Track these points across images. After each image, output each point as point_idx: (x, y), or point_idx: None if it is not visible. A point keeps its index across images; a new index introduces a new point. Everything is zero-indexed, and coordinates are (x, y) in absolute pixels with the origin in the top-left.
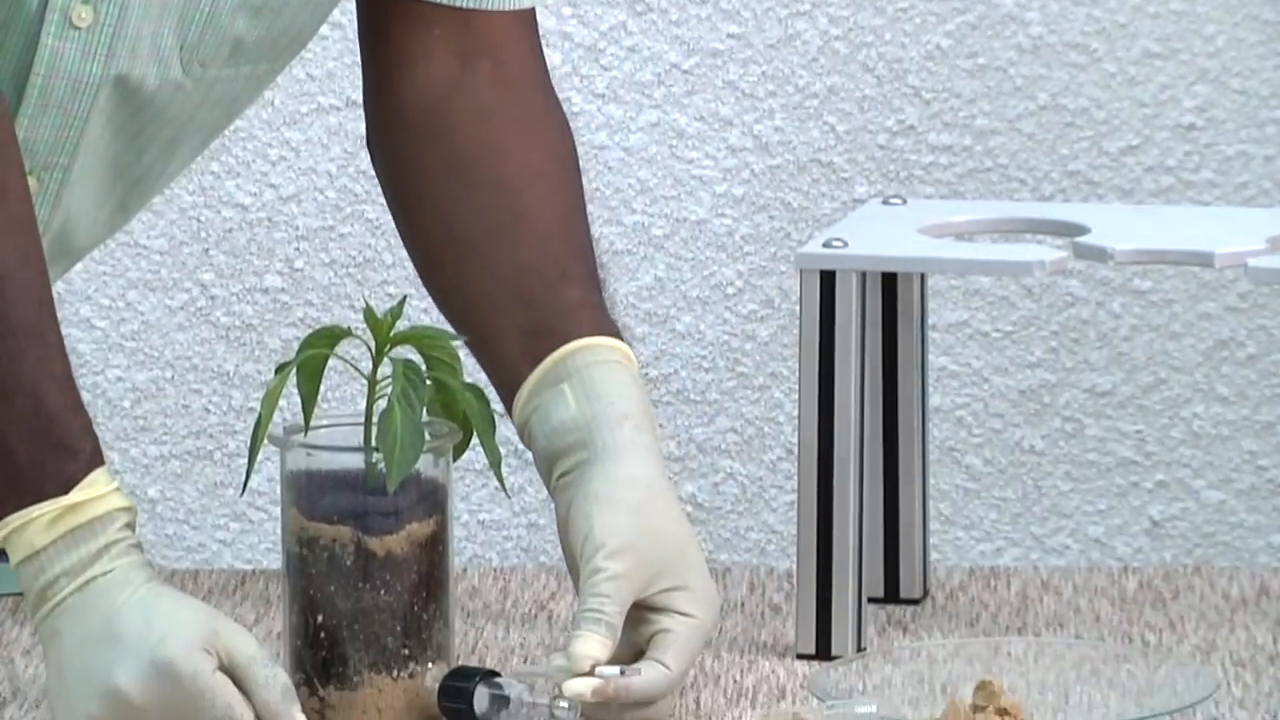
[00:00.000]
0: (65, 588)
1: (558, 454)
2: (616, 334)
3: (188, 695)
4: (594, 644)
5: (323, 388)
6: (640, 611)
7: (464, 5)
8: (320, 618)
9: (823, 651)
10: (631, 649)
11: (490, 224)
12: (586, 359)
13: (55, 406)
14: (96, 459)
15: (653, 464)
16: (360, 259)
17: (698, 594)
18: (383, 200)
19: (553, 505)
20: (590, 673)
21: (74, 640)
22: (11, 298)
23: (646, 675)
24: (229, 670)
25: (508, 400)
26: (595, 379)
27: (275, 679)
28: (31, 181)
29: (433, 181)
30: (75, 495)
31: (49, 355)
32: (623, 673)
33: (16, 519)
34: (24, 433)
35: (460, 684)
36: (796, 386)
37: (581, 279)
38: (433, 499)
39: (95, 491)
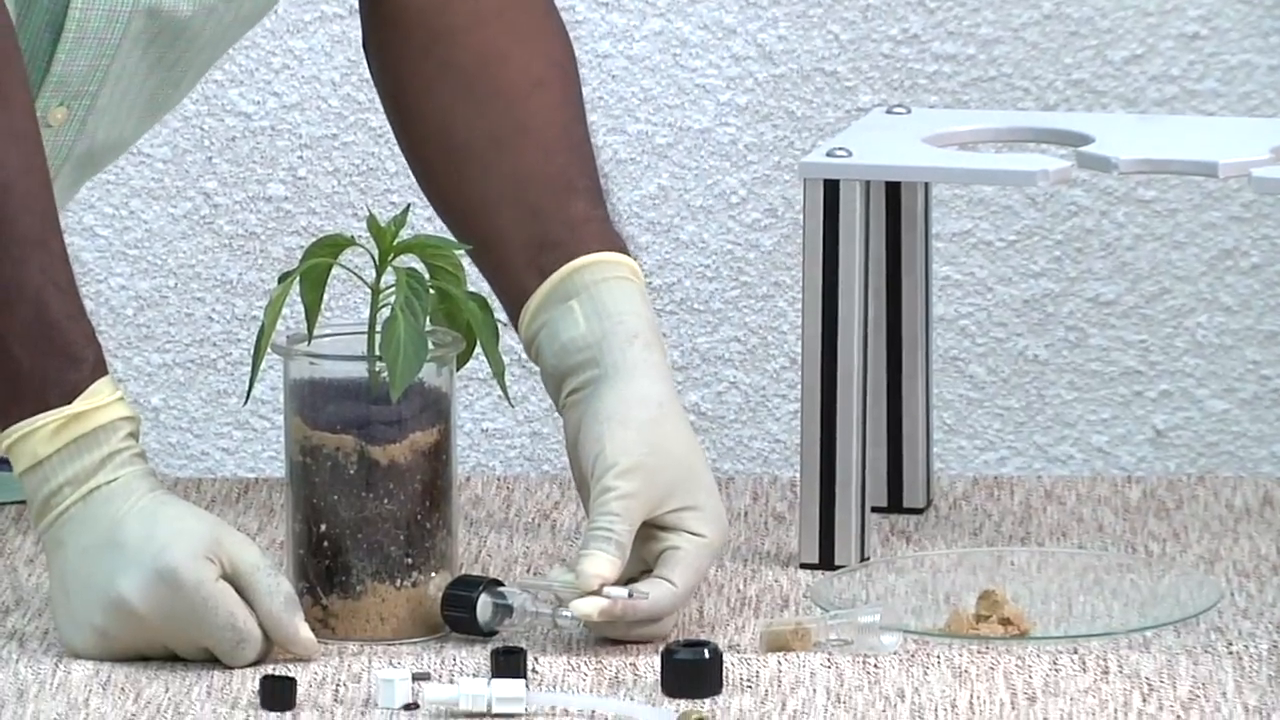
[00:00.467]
0: (68, 497)
1: (567, 372)
2: (624, 249)
3: (190, 603)
4: (603, 563)
5: (326, 296)
6: (649, 529)
7: None
8: (323, 527)
9: (826, 561)
10: (639, 565)
11: (492, 132)
12: (595, 275)
13: (58, 315)
14: (100, 368)
15: (663, 382)
16: (364, 167)
17: (707, 513)
18: None
19: (560, 420)
20: (598, 592)
21: (77, 549)
22: (15, 207)
23: (654, 593)
24: (232, 579)
25: (513, 313)
26: (604, 296)
27: (278, 588)
28: (61, 111)
29: (431, 88)
30: (79, 404)
31: (52, 264)
32: (630, 595)
33: (20, 428)
34: (27, 341)
35: (463, 593)
36: (800, 296)
37: (587, 191)
38: (436, 408)
39: (98, 401)
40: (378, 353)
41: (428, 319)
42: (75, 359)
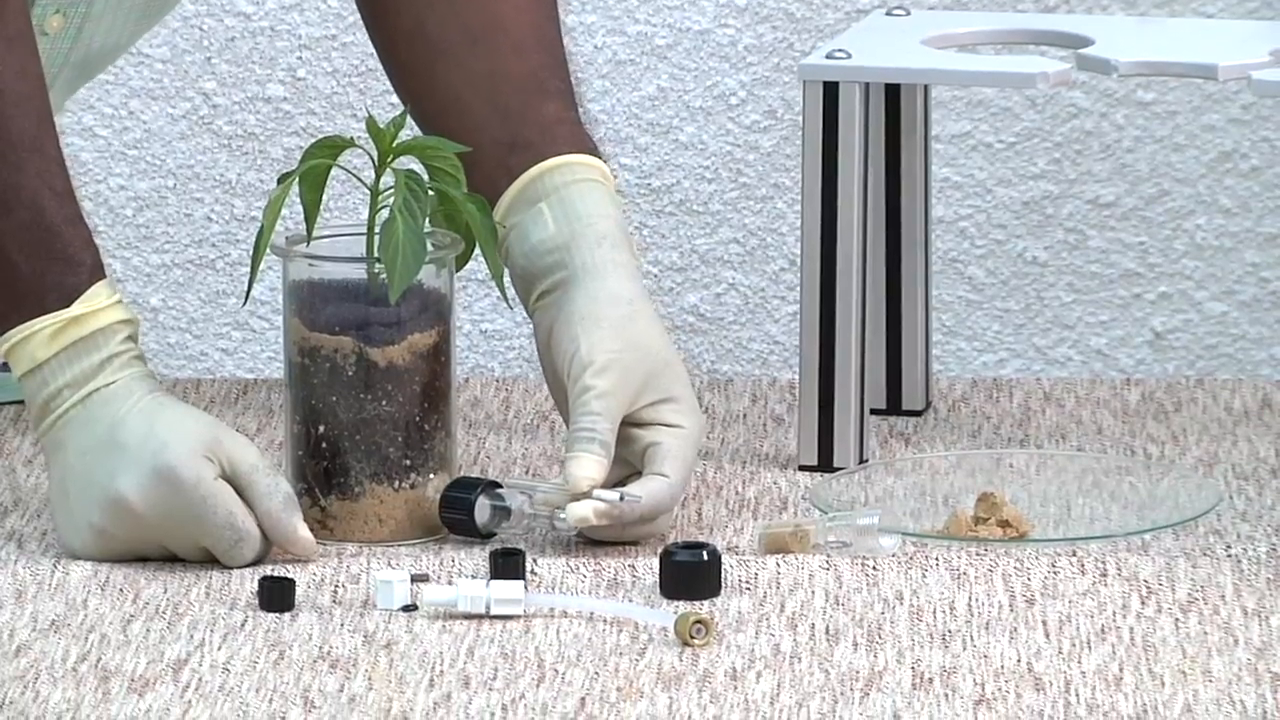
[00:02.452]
0: (68, 399)
1: (537, 274)
2: (594, 151)
3: (188, 502)
4: (590, 464)
5: (325, 198)
6: (628, 429)
7: None
8: (322, 428)
9: (824, 463)
10: (624, 467)
11: (464, 29)
12: (564, 177)
13: (56, 219)
14: (98, 272)
15: (632, 281)
16: (363, 68)
17: (684, 405)
18: None
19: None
20: (588, 495)
21: (76, 451)
22: (10, 112)
23: (649, 488)
24: (230, 479)
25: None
26: (573, 198)
27: (277, 488)
28: (57, 19)
29: None
30: (77, 308)
31: (49, 169)
32: (622, 498)
33: (19, 332)
34: (25, 245)
35: (461, 494)
36: (799, 197)
37: (559, 94)
38: (435, 309)
39: (97, 304)
40: (376, 254)
41: (427, 220)
42: (73, 263)
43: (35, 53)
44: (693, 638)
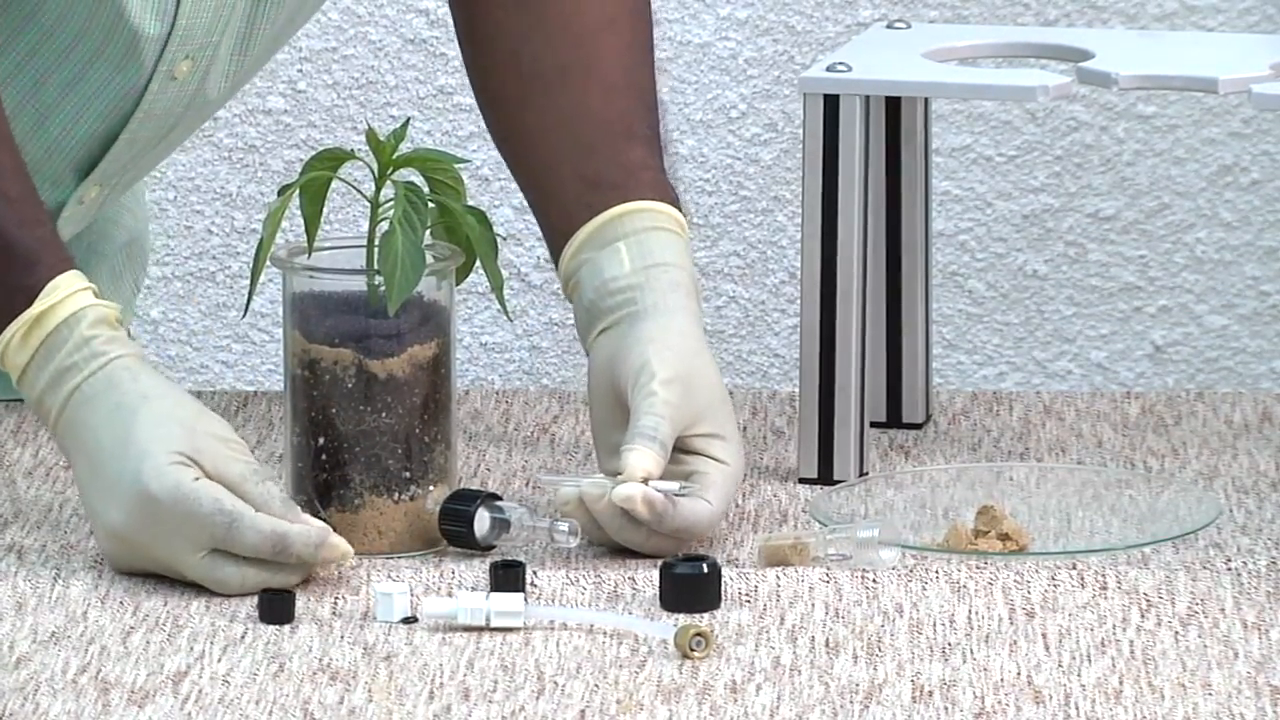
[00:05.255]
0: (52, 406)
1: (605, 310)
2: (676, 202)
3: (174, 517)
4: (649, 458)
5: (325, 210)
6: (676, 453)
7: None
8: (322, 440)
9: (825, 476)
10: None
11: (560, 65)
12: (644, 222)
13: (8, 224)
14: (60, 265)
15: (699, 327)
16: (363, 80)
17: (732, 445)
18: (385, 22)
19: (584, 354)
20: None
21: (74, 458)
22: None
23: (691, 506)
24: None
25: (556, 245)
26: (651, 243)
27: (269, 494)
28: (187, 64)
29: (505, 18)
30: (38, 305)
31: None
32: (680, 489)
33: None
34: None
35: (461, 507)
36: (799, 210)
37: (646, 140)
38: (435, 321)
39: (57, 296)
40: (376, 266)
41: (427, 233)
42: (30, 263)
43: None
44: (692, 650)
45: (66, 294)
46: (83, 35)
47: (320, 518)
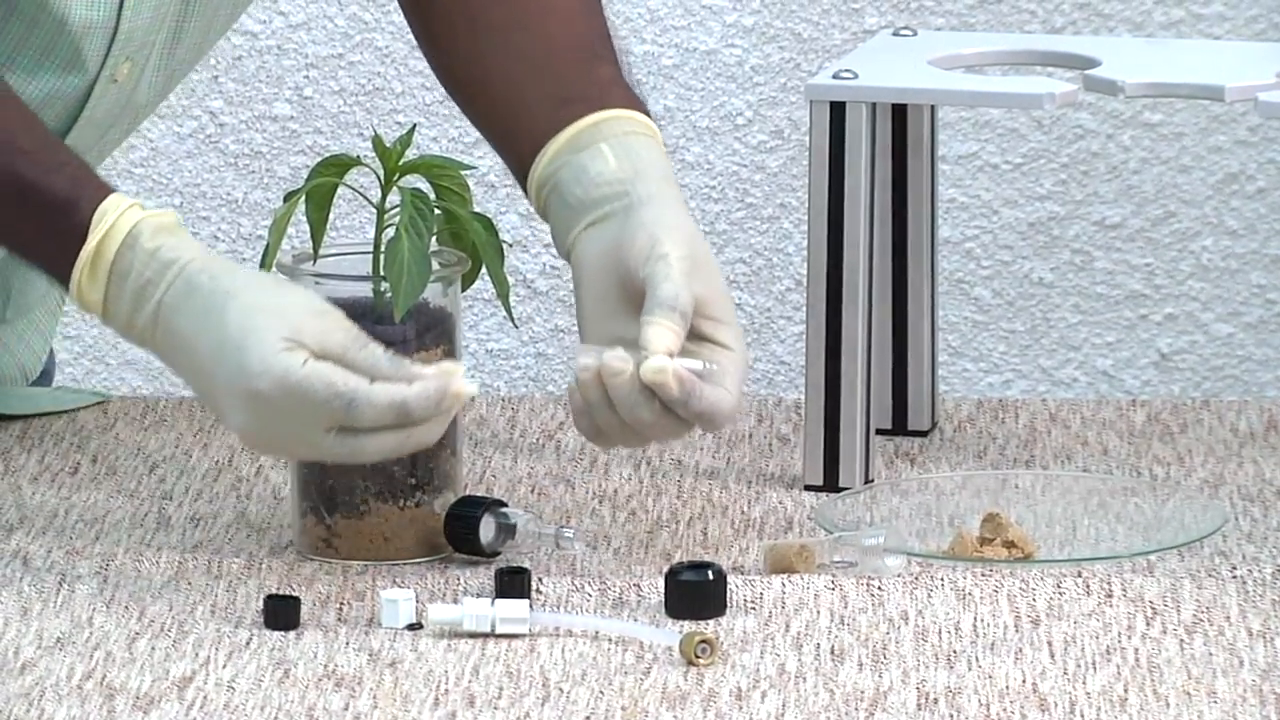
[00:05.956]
0: (142, 324)
1: (595, 201)
2: (648, 113)
3: (291, 408)
4: (671, 333)
5: (331, 216)
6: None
7: None
8: None
9: (830, 483)
10: None
11: (515, 11)
12: (624, 128)
13: (36, 176)
14: (99, 195)
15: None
16: (370, 87)
17: (736, 331)
18: (392, 28)
19: (570, 268)
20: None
21: (182, 371)
22: None
23: (714, 390)
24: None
25: (525, 164)
26: (634, 145)
27: (375, 358)
28: (127, 66)
29: None
30: (92, 239)
31: (9, 137)
32: (705, 367)
33: (70, 293)
34: (22, 216)
35: (466, 513)
36: (805, 218)
37: (610, 61)
38: (440, 328)
39: (108, 223)
40: (382, 273)
41: (433, 239)
42: (70, 205)
43: None
44: (698, 657)
45: (116, 217)
46: (24, 42)
47: (326, 524)
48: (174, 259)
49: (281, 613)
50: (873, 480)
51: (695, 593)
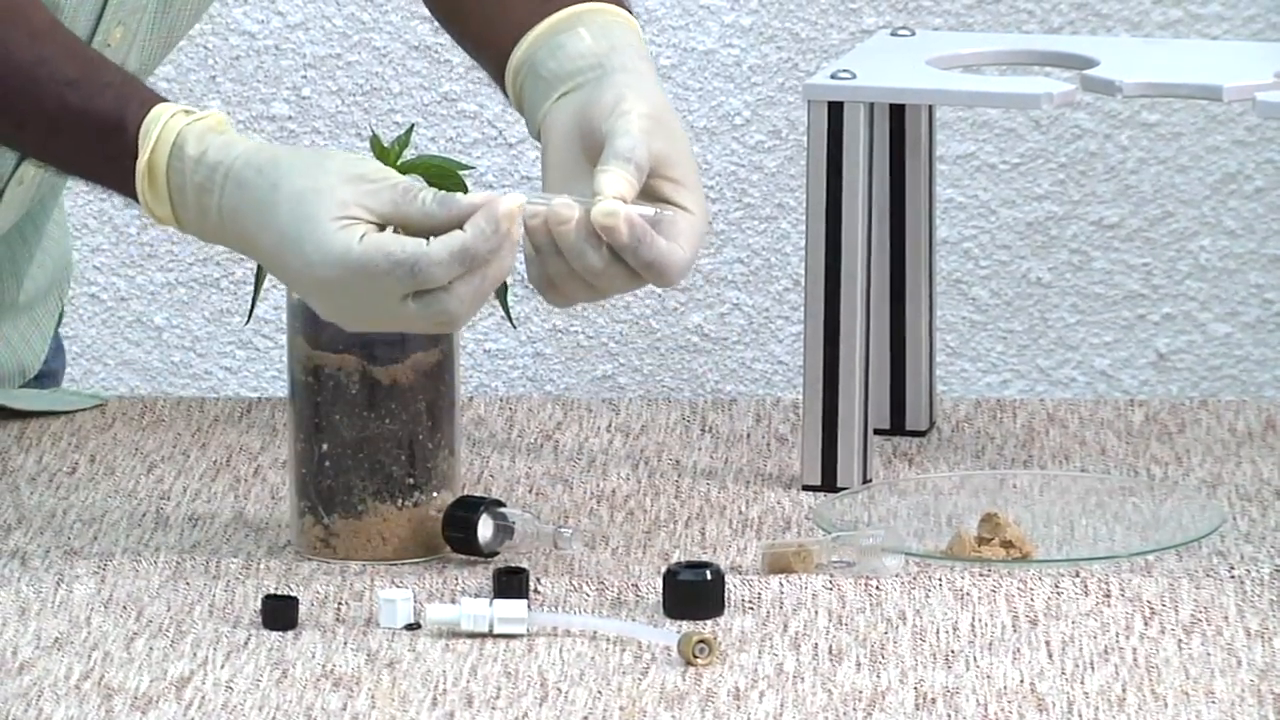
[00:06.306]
0: (215, 226)
1: (565, 76)
2: (630, 10)
3: (360, 287)
4: (624, 179)
5: None
6: (641, 199)
7: None
8: (325, 446)
9: (828, 483)
10: None
11: None
12: (603, 17)
13: (81, 105)
14: (142, 110)
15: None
16: (367, 87)
17: (697, 194)
18: (390, 28)
19: (542, 149)
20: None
21: (260, 262)
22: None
23: (668, 244)
24: (383, 222)
25: (504, 58)
26: (613, 29)
27: (427, 207)
28: (120, 30)
29: None
30: (143, 155)
31: (53, 69)
32: (657, 213)
33: (140, 210)
34: (82, 146)
35: (464, 513)
36: (803, 218)
37: None
38: None
39: (154, 136)
40: None
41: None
42: (117, 125)
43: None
44: (696, 657)
45: (159, 129)
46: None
47: (323, 524)
48: (219, 160)
49: (279, 613)
50: (871, 480)
51: (693, 593)
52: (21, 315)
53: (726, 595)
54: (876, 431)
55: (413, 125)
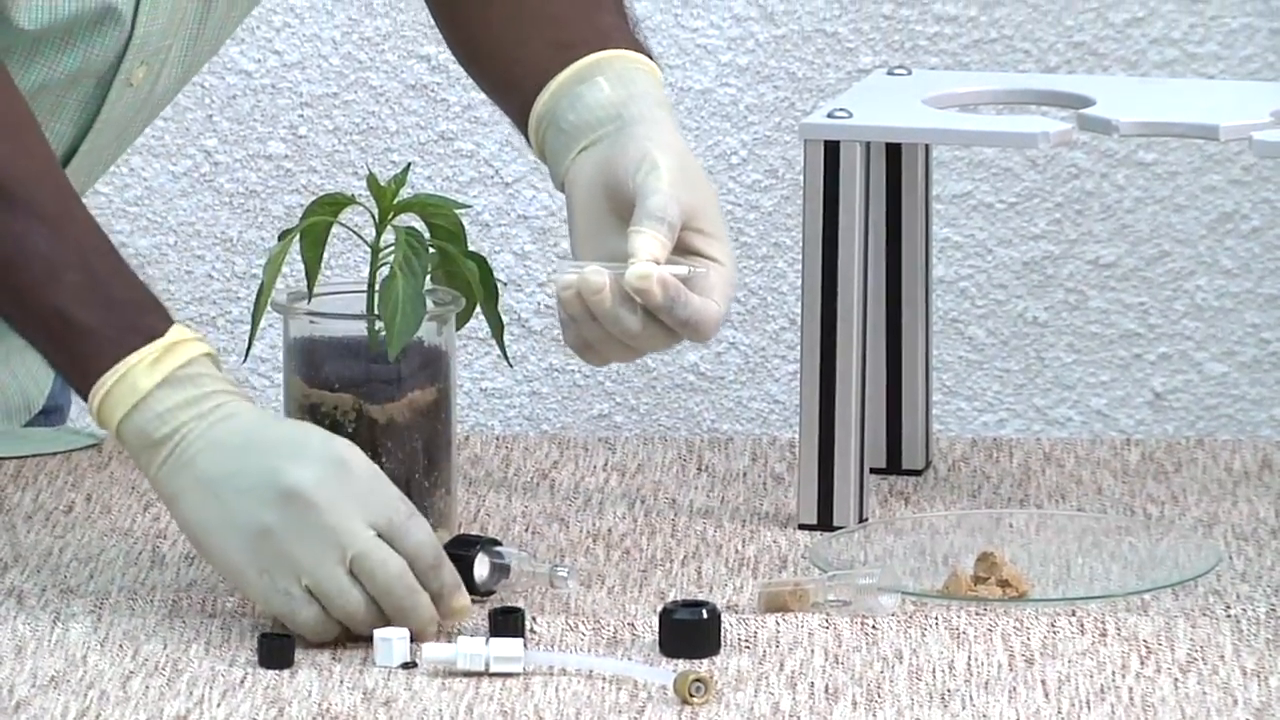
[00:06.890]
0: (185, 419)
1: (589, 126)
2: (651, 56)
3: (365, 480)
4: (657, 241)
5: (326, 255)
6: (671, 255)
7: None
8: None
9: (824, 522)
10: None
11: None
12: (623, 65)
13: (107, 272)
14: (169, 315)
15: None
16: (364, 126)
17: (726, 246)
18: (387, 67)
19: (566, 210)
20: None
21: (217, 465)
22: (30, 191)
23: (702, 300)
24: None
25: (526, 108)
26: (633, 76)
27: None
28: (142, 70)
29: None
30: (172, 334)
31: (87, 234)
32: (690, 272)
33: (113, 373)
34: (88, 303)
35: (461, 552)
36: (800, 257)
37: (614, 10)
38: (435, 367)
39: (186, 335)
40: (376, 311)
41: (427, 278)
42: (145, 305)
43: (41, 135)
44: (692, 696)
45: (193, 336)
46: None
47: None
48: (234, 395)
49: (276, 651)
50: (867, 519)
51: (689, 632)
52: (28, 349)
53: (723, 634)
54: (873, 470)
55: (409, 164)
